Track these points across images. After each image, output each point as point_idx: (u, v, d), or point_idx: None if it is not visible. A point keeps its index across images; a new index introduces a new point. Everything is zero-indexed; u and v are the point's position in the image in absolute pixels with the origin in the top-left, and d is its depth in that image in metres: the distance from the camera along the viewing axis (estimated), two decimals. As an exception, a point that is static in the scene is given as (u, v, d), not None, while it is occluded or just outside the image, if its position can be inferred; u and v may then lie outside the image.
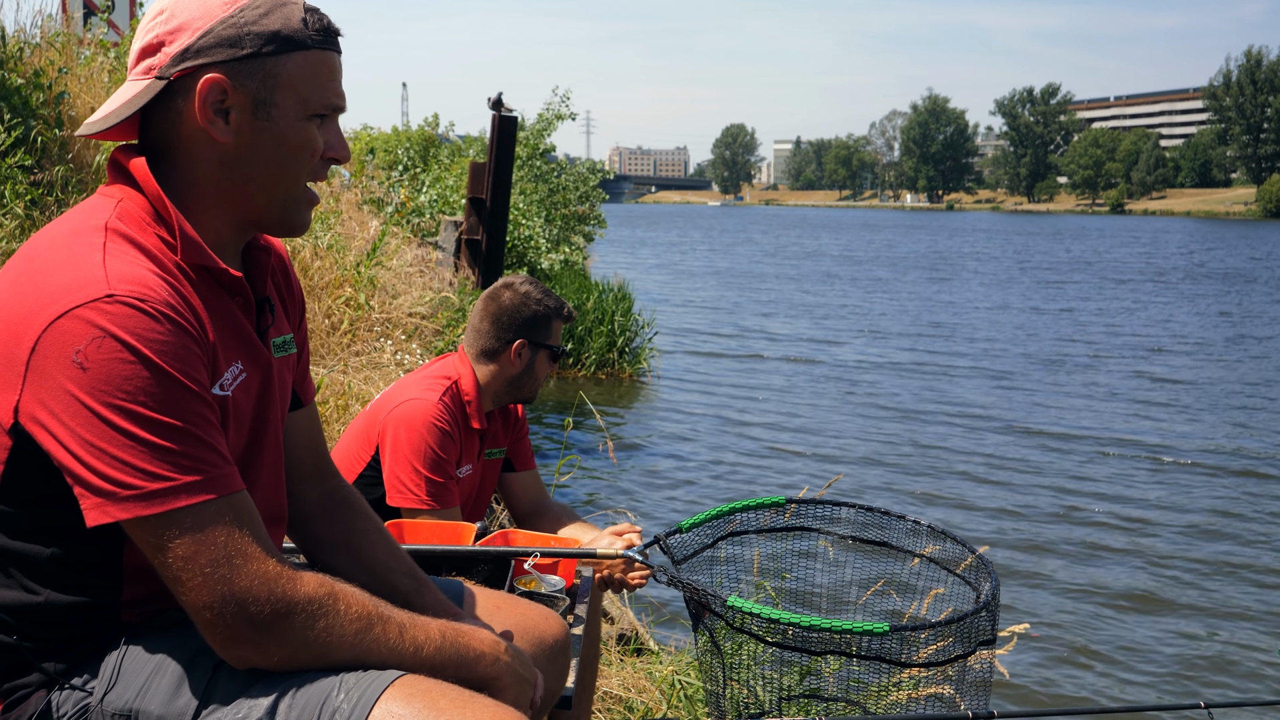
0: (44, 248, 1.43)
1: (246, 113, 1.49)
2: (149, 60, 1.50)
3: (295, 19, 1.50)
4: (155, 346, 1.33)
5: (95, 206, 1.48)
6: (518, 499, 3.29)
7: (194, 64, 1.47)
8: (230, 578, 1.35)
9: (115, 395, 1.31)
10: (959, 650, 2.15)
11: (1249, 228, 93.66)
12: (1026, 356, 16.75)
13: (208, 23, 1.47)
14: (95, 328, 1.31)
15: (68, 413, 1.31)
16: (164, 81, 1.48)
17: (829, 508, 2.55)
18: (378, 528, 1.85)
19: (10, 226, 5.56)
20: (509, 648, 1.61)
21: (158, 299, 1.36)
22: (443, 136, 22.52)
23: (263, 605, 1.36)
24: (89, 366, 1.30)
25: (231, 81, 1.47)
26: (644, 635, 4.53)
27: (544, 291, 3.10)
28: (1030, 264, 40.43)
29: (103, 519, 1.33)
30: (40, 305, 1.34)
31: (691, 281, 31.20)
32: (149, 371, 1.32)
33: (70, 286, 1.34)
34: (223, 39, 1.47)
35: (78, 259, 1.37)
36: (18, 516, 1.43)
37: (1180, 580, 7.09)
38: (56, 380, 1.32)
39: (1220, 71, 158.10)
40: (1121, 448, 10.65)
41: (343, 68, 1.58)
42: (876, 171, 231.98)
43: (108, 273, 1.35)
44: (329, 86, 1.53)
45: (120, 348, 1.31)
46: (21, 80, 6.49)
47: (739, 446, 10.54)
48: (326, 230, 7.86)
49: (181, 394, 1.35)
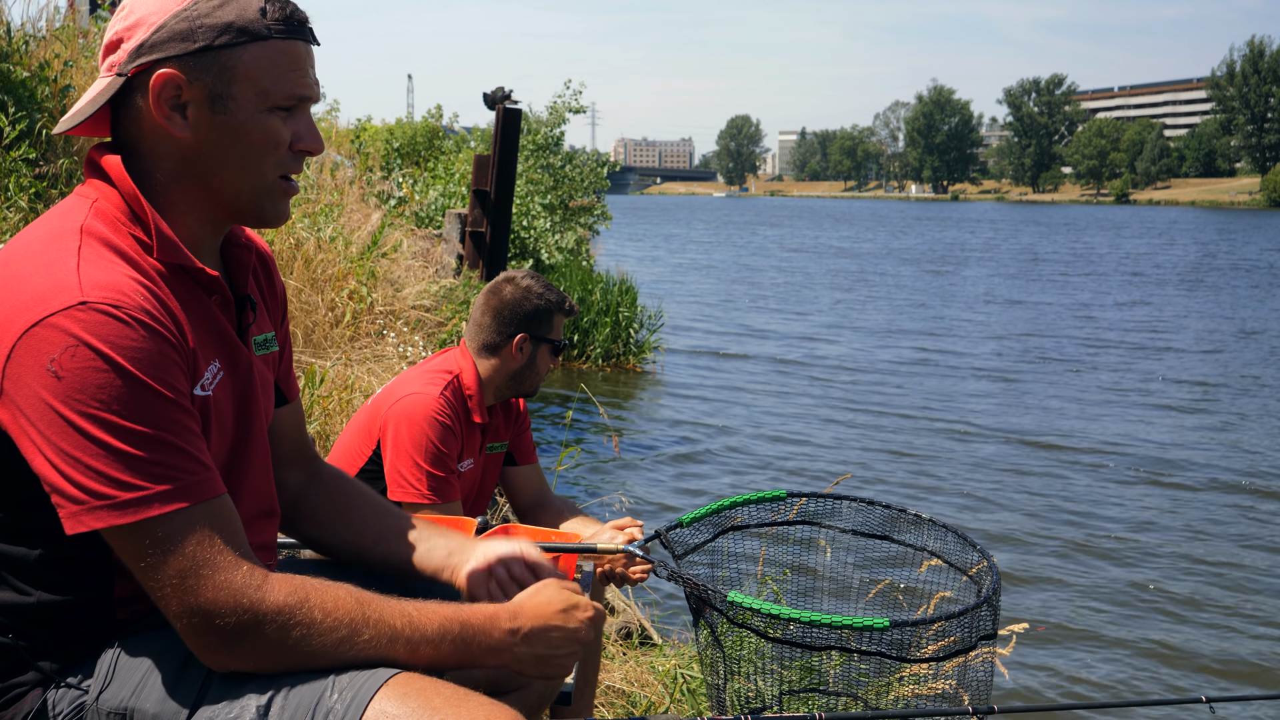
0: (20, 252, 1.41)
1: (203, 107, 1.46)
2: (111, 57, 1.49)
3: (251, 10, 1.47)
4: (129, 354, 1.32)
5: (71, 208, 1.47)
6: (520, 493, 3.29)
7: (149, 59, 1.45)
8: (196, 588, 1.35)
9: (89, 404, 1.30)
10: (961, 645, 2.15)
11: (1261, 217, 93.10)
12: (1042, 358, 16.72)
13: (162, 17, 1.46)
14: (69, 336, 1.30)
15: (43, 421, 1.31)
16: (123, 78, 1.47)
17: (830, 501, 2.55)
18: (362, 491, 1.86)
19: (14, 220, 5.57)
20: (522, 632, 1.55)
21: (132, 304, 1.35)
22: (447, 128, 22.50)
23: (228, 617, 1.36)
24: (63, 375, 1.30)
25: (185, 76, 1.45)
26: (647, 628, 4.53)
27: (546, 286, 3.10)
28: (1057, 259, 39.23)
29: (79, 528, 1.33)
30: (15, 312, 1.33)
31: (695, 275, 31.12)
32: (122, 380, 1.32)
33: (44, 294, 1.33)
34: (175, 33, 1.45)
35: (52, 265, 1.36)
36: (4, 519, 1.43)
37: (1183, 578, 7.08)
38: (32, 389, 1.31)
39: (1224, 62, 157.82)
40: (1130, 448, 10.64)
41: (312, 56, 1.54)
42: (881, 162, 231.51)
43: (81, 279, 1.34)
44: (291, 77, 1.50)
45: (94, 356, 1.31)
46: (27, 73, 6.49)
47: (742, 439, 10.54)
48: (329, 223, 7.86)
49: (156, 401, 1.34)
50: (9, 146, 6.05)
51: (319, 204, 8.43)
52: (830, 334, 18.34)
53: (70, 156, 6.58)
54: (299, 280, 6.96)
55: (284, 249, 7.05)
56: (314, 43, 1.55)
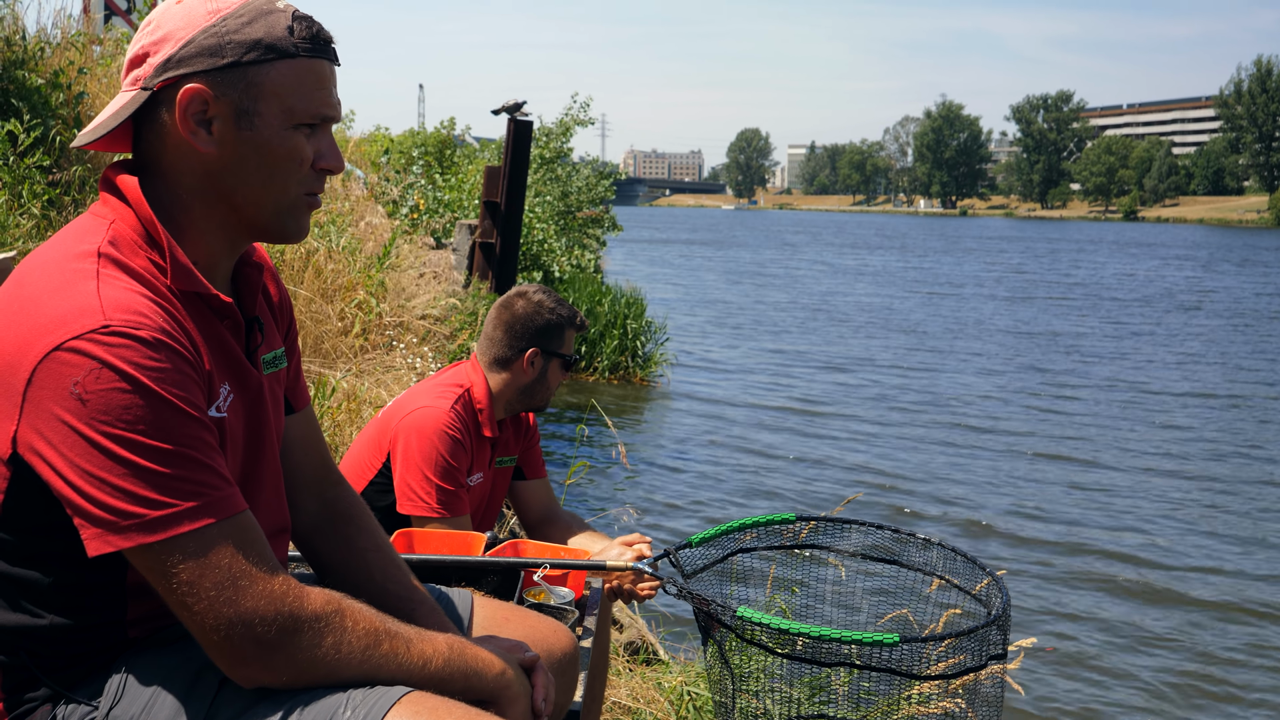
0: (37, 273, 1.41)
1: (229, 123, 1.46)
2: (136, 71, 1.48)
3: (280, 27, 1.47)
4: (152, 374, 1.32)
5: (88, 229, 1.47)
6: (528, 507, 3.29)
7: (176, 74, 1.45)
8: (236, 599, 1.35)
9: (114, 425, 1.30)
10: (970, 663, 2.14)
11: (1275, 236, 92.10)
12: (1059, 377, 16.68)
13: (190, 32, 1.45)
14: (92, 359, 1.30)
15: (66, 444, 1.31)
16: (148, 92, 1.46)
17: (839, 525, 2.55)
18: (377, 545, 1.82)
19: (27, 226, 5.59)
20: (512, 660, 1.61)
21: (153, 326, 1.35)
22: (458, 139, 22.57)
23: (269, 625, 1.36)
24: (88, 398, 1.30)
25: (213, 91, 1.45)
26: (654, 645, 4.52)
27: (557, 300, 3.10)
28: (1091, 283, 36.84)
29: (105, 548, 1.32)
30: (35, 335, 1.33)
31: (706, 291, 31.06)
32: (147, 399, 1.32)
33: (65, 317, 1.33)
34: (204, 48, 1.44)
35: (71, 287, 1.36)
36: (18, 544, 1.43)
37: (1193, 600, 7.05)
38: (54, 412, 1.31)
39: (1231, 81, 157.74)
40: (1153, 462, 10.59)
41: (336, 76, 1.55)
42: (890, 177, 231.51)
43: (103, 302, 1.34)
44: (317, 95, 1.50)
45: (117, 378, 1.30)
46: (41, 80, 6.53)
47: (750, 453, 10.52)
48: (340, 233, 7.87)
49: (179, 419, 1.34)
50: (23, 153, 6.08)
51: (330, 213, 8.46)
52: (844, 349, 18.30)
53: (83, 164, 6.61)
54: (309, 290, 6.98)
55: (294, 259, 7.07)
56: (337, 63, 1.56)
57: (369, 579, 1.77)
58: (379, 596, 1.74)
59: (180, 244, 1.49)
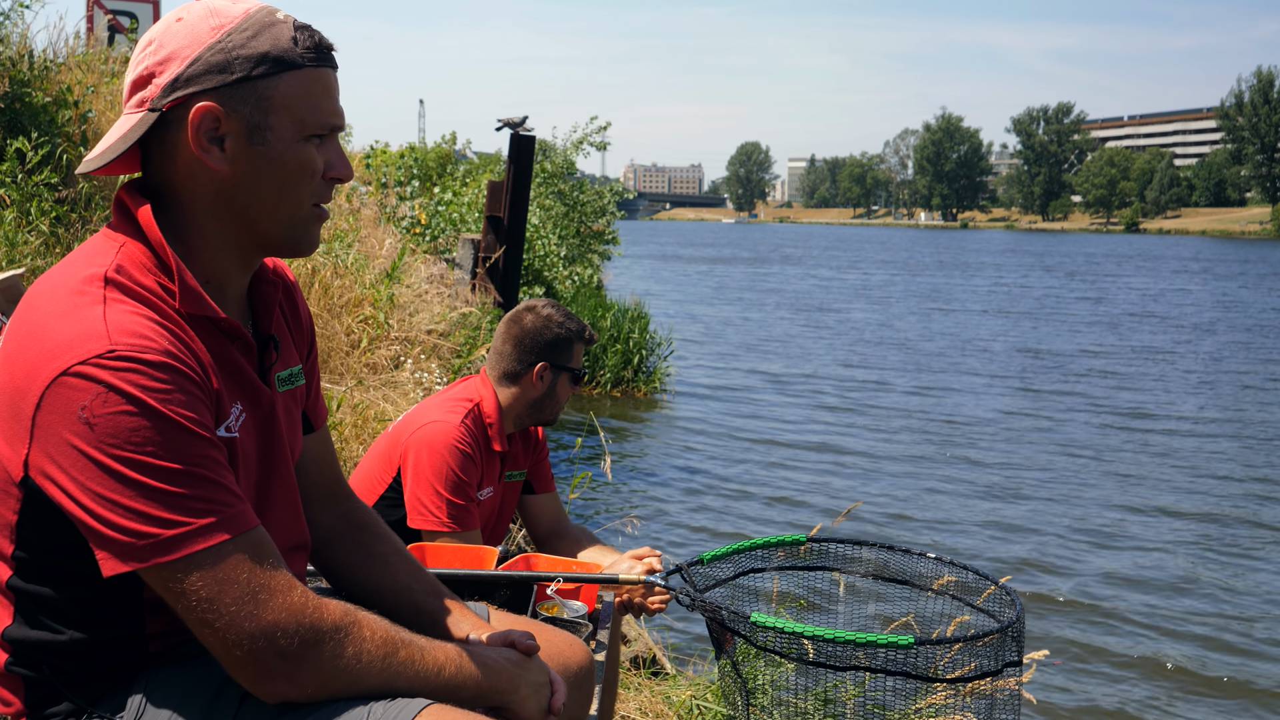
0: (45, 297, 1.42)
1: (241, 139, 1.46)
2: (141, 93, 1.47)
3: (285, 39, 1.47)
4: (159, 396, 1.33)
5: (98, 251, 1.47)
6: (537, 521, 3.30)
7: (185, 93, 1.44)
8: (257, 613, 1.35)
9: (124, 448, 1.31)
10: (987, 667, 2.14)
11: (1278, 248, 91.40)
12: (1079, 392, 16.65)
13: (196, 50, 1.44)
14: (98, 384, 1.31)
15: (76, 468, 1.31)
16: (156, 113, 1.45)
17: (848, 546, 2.56)
18: (396, 548, 1.84)
19: (35, 244, 5.62)
20: (520, 658, 1.62)
21: (158, 348, 1.35)
22: (459, 154, 22.64)
23: (292, 637, 1.37)
24: (95, 422, 1.30)
25: (224, 108, 1.44)
26: (661, 658, 4.52)
27: (566, 315, 3.12)
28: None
29: (120, 569, 1.33)
30: (43, 360, 1.34)
31: (706, 303, 31.06)
32: (154, 421, 1.32)
33: (71, 342, 1.33)
34: (212, 65, 1.44)
35: (78, 312, 1.37)
36: (35, 563, 1.43)
37: (1208, 609, 7.04)
38: (63, 437, 1.32)
39: (1232, 92, 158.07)
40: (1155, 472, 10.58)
41: (339, 84, 1.55)
42: (890, 189, 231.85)
43: (108, 327, 1.35)
44: (325, 105, 1.50)
45: (124, 401, 1.31)
46: (48, 99, 6.57)
47: (753, 466, 10.52)
48: (347, 249, 7.90)
49: (188, 438, 1.35)
50: (31, 171, 6.11)
51: (335, 229, 8.48)
52: (848, 364, 18.29)
53: (91, 181, 6.64)
54: (316, 306, 7.00)
55: (302, 275, 7.09)
56: (337, 69, 1.55)
57: (393, 581, 1.78)
58: (404, 595, 1.76)
59: (191, 264, 1.49)
